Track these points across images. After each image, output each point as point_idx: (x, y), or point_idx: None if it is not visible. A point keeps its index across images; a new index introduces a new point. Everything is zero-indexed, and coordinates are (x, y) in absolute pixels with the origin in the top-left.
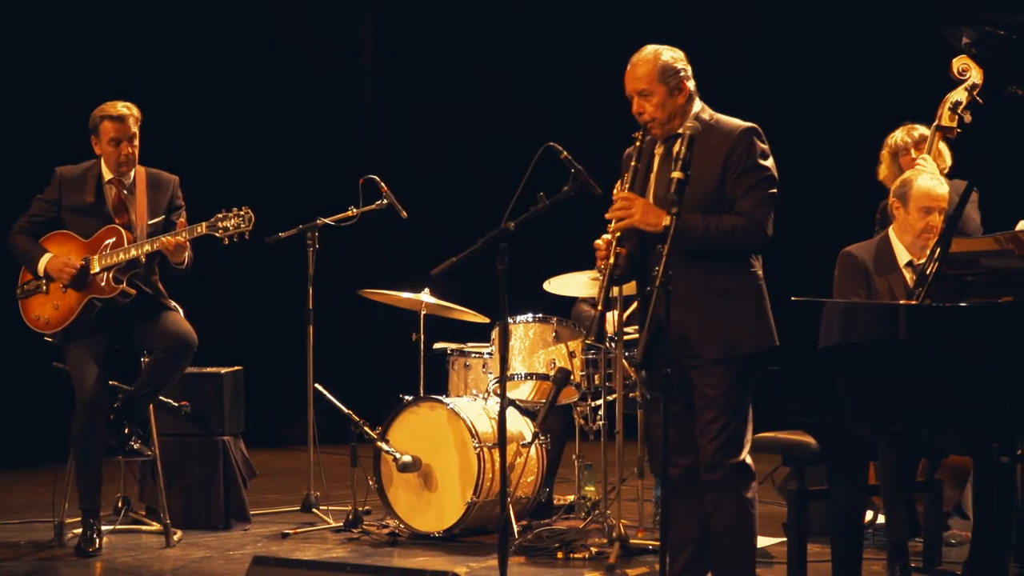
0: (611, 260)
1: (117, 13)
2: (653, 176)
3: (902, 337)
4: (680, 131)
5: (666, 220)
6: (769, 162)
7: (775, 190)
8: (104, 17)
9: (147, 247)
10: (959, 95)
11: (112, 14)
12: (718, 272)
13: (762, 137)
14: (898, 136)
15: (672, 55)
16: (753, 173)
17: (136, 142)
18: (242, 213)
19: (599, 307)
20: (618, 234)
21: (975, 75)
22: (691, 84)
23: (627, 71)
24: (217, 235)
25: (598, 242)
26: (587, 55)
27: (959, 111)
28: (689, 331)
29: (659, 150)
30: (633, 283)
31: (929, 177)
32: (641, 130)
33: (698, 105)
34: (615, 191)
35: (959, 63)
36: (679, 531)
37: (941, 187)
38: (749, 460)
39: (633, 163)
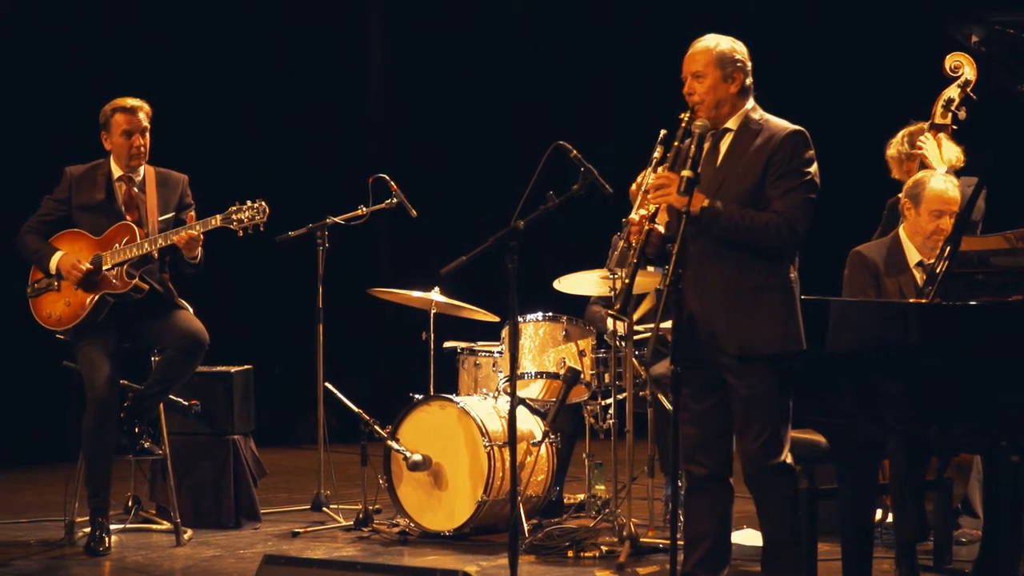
0: (640, 237)
1: (126, 14)
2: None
3: (912, 336)
4: (728, 125)
5: (704, 202)
6: (812, 168)
7: (814, 195)
8: (114, 18)
9: (160, 242)
10: (952, 92)
11: (121, 15)
12: (750, 269)
13: (808, 142)
14: (895, 145)
15: (733, 45)
16: (793, 176)
17: (147, 136)
18: (256, 205)
19: (626, 279)
20: (653, 209)
21: (968, 72)
22: (747, 80)
23: (686, 54)
24: (232, 227)
25: (632, 216)
26: (597, 54)
27: (952, 108)
28: (716, 326)
29: (707, 144)
30: (643, 282)
31: (942, 179)
32: (688, 112)
33: (750, 103)
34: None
35: (951, 60)
36: (696, 527)
37: (953, 190)
38: (790, 460)
39: (676, 143)
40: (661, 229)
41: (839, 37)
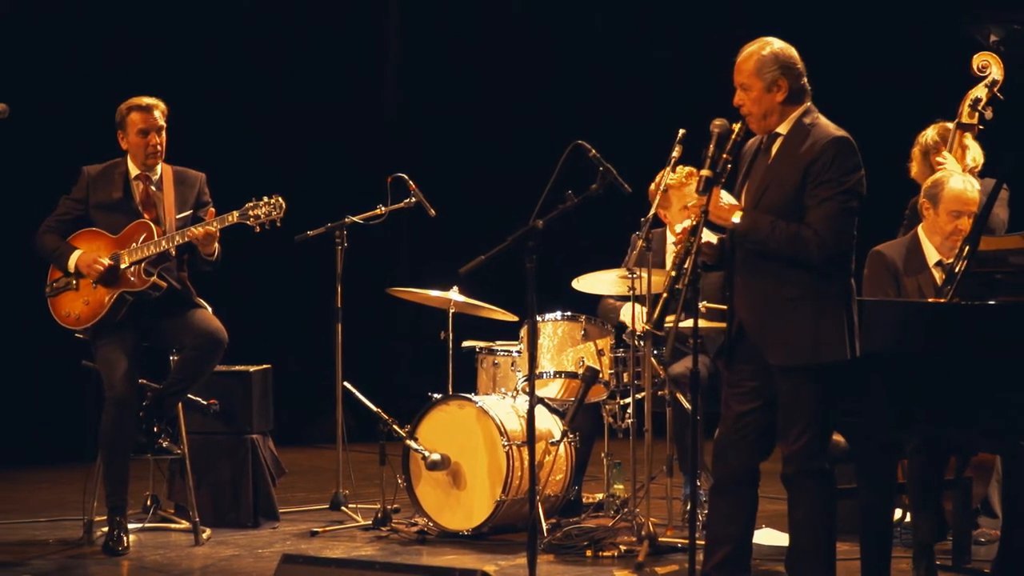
0: (686, 248)
1: (143, 12)
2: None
3: (930, 335)
4: (779, 130)
5: (736, 217)
6: (853, 176)
7: (854, 203)
8: (130, 16)
9: (177, 239)
10: (979, 92)
11: (138, 13)
12: (789, 280)
13: (851, 148)
14: (929, 135)
15: (776, 50)
16: (830, 185)
17: (163, 135)
18: (272, 201)
19: (665, 294)
20: (695, 222)
21: (995, 71)
22: (796, 83)
23: (735, 63)
24: (249, 223)
25: (675, 230)
26: (614, 53)
27: (979, 108)
28: (760, 335)
29: (761, 147)
30: (660, 280)
31: (961, 180)
32: (741, 122)
33: (806, 106)
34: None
35: (979, 60)
36: (718, 530)
37: (972, 191)
38: (828, 465)
39: (724, 155)
40: (713, 239)
41: (862, 35)
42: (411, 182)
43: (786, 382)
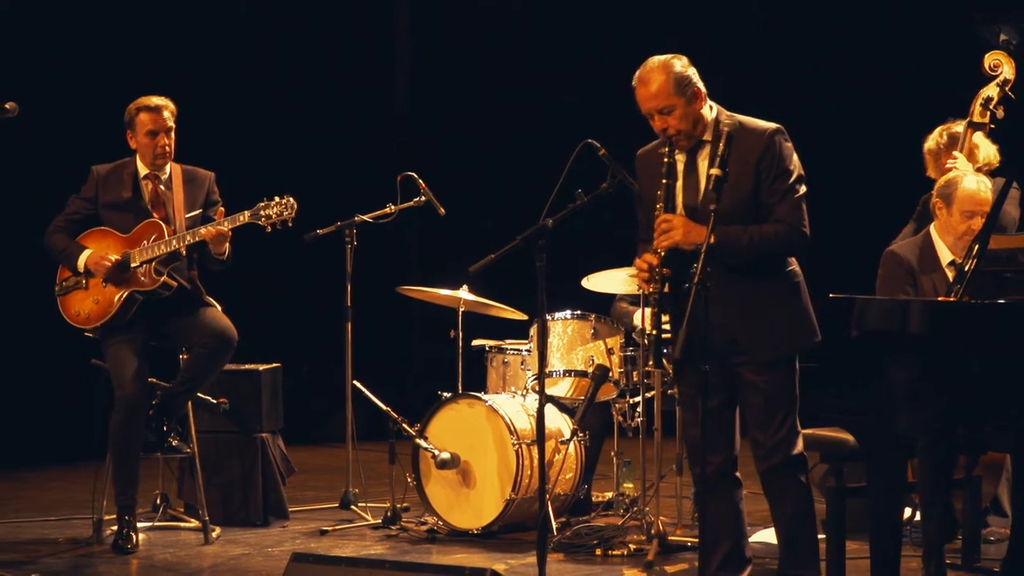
0: (656, 285)
1: (153, 11)
2: (679, 185)
3: (940, 334)
4: (704, 137)
5: (711, 239)
6: (797, 161)
7: (805, 187)
8: (140, 16)
9: (188, 238)
10: (991, 91)
11: (148, 12)
12: (758, 275)
13: (787, 136)
14: (933, 139)
15: (680, 63)
16: (786, 176)
17: (172, 135)
18: (284, 201)
19: (653, 331)
20: (662, 255)
21: (1007, 70)
22: (702, 86)
23: (638, 90)
24: (260, 223)
25: (639, 262)
26: (623, 52)
27: (991, 107)
28: (738, 335)
29: (680, 158)
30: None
31: (974, 180)
32: (667, 146)
33: (713, 108)
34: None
35: (991, 59)
36: (714, 529)
37: (985, 191)
38: (804, 453)
39: (664, 181)
40: (668, 271)
41: (873, 35)
42: (421, 181)
43: (767, 374)
